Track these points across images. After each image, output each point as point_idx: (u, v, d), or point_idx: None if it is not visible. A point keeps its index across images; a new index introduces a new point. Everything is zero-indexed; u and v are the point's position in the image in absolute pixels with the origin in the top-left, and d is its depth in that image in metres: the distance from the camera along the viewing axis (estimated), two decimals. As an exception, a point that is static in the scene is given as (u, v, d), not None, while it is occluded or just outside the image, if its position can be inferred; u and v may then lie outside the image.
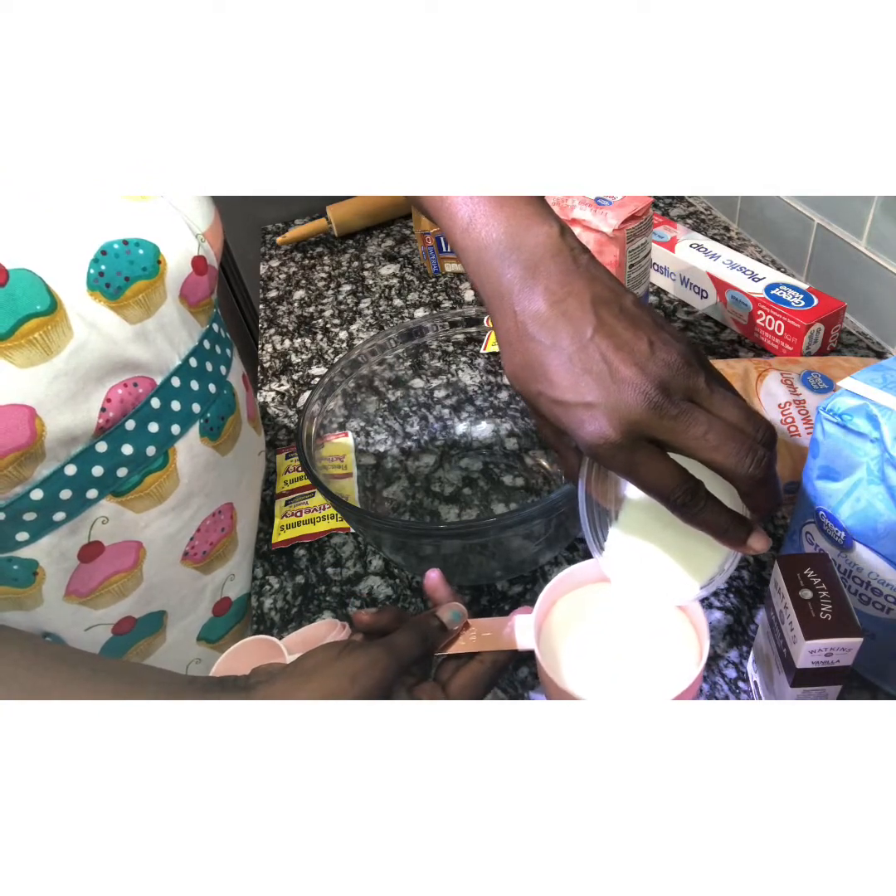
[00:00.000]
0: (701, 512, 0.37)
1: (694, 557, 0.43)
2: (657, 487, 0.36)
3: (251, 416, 0.63)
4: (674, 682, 0.42)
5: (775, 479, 0.36)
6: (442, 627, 0.43)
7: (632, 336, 0.36)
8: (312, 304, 1.02)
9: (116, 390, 0.46)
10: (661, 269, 0.89)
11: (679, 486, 0.36)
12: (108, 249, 0.45)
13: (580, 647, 0.46)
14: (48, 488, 0.44)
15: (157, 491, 0.51)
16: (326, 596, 0.63)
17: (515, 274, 0.39)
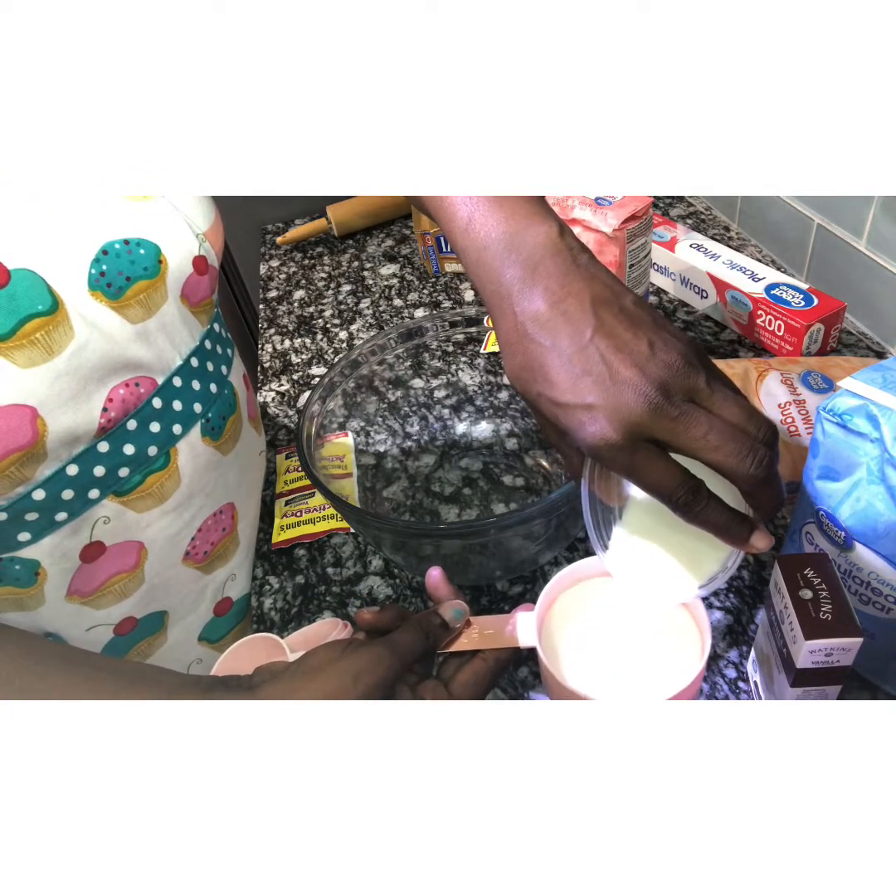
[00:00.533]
0: (703, 511, 0.37)
1: (697, 556, 0.43)
2: (658, 488, 0.36)
3: (252, 416, 0.63)
4: (676, 678, 0.42)
5: (777, 478, 0.36)
6: (444, 625, 0.43)
7: (632, 336, 0.36)
8: (312, 304, 1.02)
9: (118, 390, 0.46)
10: (661, 269, 0.89)
11: (680, 486, 0.36)
12: (110, 249, 0.45)
13: (582, 643, 0.46)
14: (50, 488, 0.44)
15: (159, 491, 0.51)
16: (326, 596, 0.63)
17: (515, 274, 0.39)
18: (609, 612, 0.48)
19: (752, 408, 0.37)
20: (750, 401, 0.38)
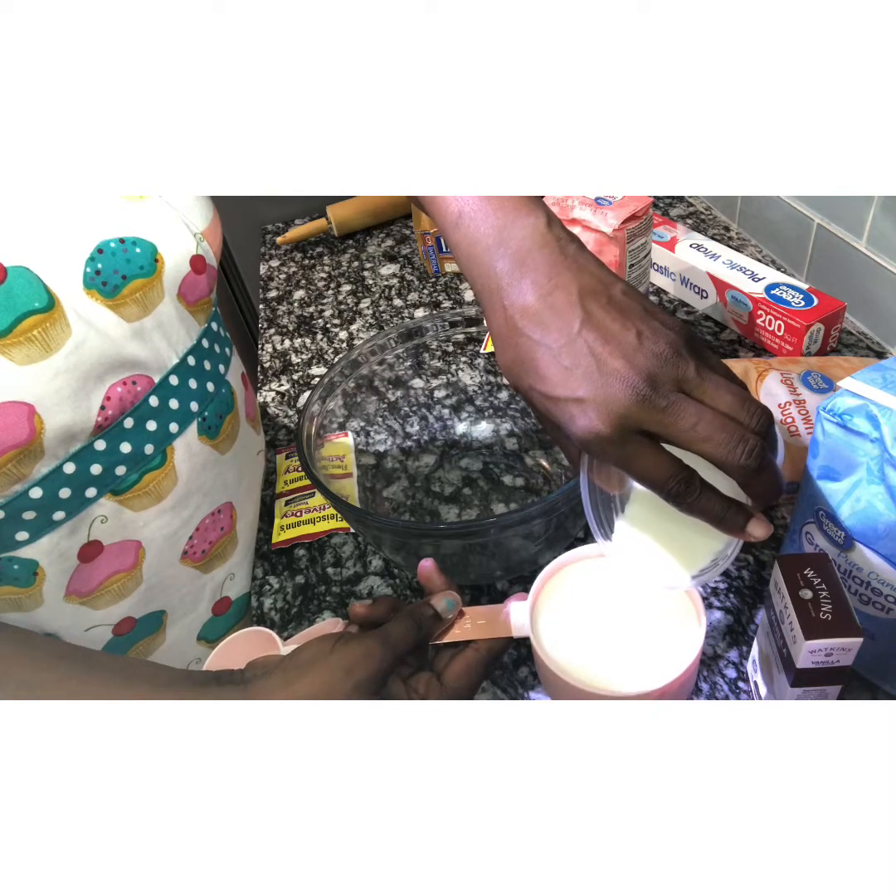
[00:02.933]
0: (696, 501, 0.36)
1: (696, 545, 0.43)
2: (650, 478, 0.36)
3: (250, 416, 0.63)
4: (671, 665, 0.42)
5: (772, 466, 0.36)
6: (436, 616, 0.43)
7: (619, 327, 0.36)
8: (312, 304, 1.02)
9: (116, 388, 0.46)
10: (661, 269, 0.89)
11: (672, 476, 0.36)
12: (105, 248, 0.45)
13: (576, 630, 0.46)
14: (47, 486, 0.44)
15: (156, 489, 0.51)
16: (326, 596, 0.63)
17: (504, 268, 0.39)
18: (602, 597, 0.48)
19: (744, 395, 0.36)
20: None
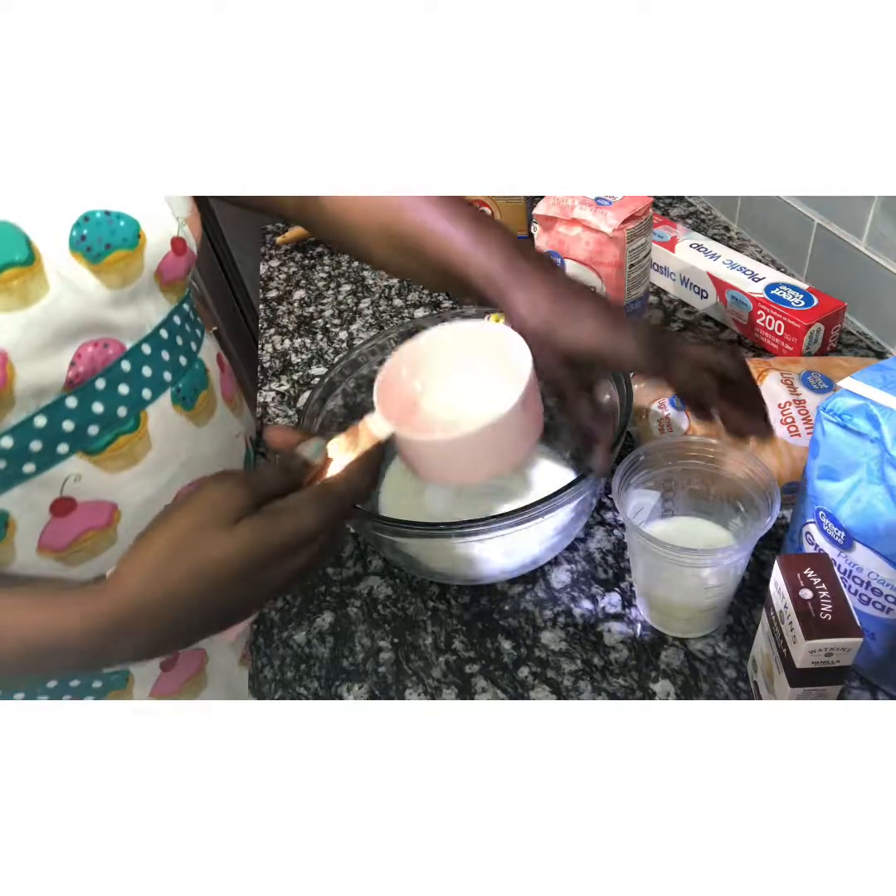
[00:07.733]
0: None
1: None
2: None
3: (227, 397, 0.64)
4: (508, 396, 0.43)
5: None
6: (306, 464, 0.43)
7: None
8: (312, 304, 1.02)
9: (87, 347, 0.48)
10: (661, 269, 0.89)
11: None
12: (91, 217, 0.47)
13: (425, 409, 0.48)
14: (18, 437, 0.45)
15: (130, 452, 0.52)
16: (326, 596, 0.63)
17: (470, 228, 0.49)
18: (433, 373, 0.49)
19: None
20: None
